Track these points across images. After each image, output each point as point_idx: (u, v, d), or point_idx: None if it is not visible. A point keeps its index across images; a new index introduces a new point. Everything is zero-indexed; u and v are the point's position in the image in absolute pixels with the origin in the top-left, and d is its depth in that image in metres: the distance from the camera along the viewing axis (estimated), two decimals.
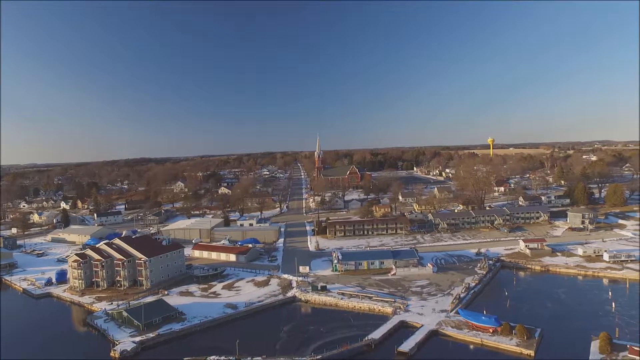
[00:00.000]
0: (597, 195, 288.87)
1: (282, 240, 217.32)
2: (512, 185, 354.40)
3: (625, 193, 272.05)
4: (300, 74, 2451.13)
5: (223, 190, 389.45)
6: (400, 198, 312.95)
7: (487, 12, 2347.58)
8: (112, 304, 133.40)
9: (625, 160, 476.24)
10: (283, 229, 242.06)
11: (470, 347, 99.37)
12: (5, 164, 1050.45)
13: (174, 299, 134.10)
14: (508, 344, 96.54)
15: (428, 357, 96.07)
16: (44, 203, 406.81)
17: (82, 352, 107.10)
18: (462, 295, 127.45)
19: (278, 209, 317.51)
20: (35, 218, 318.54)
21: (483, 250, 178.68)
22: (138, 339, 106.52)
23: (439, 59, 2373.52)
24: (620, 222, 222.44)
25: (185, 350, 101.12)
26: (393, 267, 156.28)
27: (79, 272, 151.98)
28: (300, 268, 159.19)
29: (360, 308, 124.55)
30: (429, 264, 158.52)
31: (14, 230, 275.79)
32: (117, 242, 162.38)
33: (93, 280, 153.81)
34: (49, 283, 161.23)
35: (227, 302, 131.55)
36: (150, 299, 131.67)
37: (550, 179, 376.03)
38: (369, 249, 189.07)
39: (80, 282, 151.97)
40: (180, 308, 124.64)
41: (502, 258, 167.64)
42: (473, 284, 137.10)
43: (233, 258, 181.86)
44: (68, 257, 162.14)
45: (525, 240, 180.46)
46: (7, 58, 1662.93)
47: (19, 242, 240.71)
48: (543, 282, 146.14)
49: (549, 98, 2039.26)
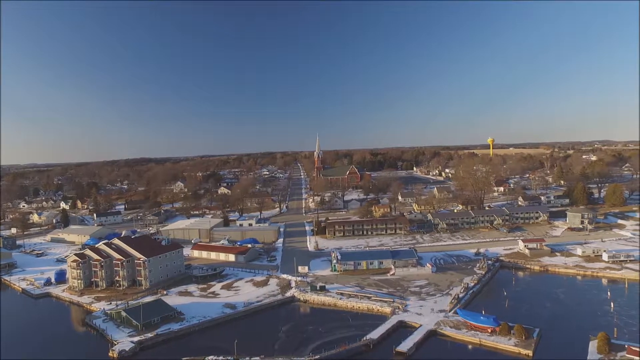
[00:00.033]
0: (596, 195, 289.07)
1: (281, 240, 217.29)
2: (511, 185, 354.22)
3: (625, 193, 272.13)
4: (300, 74, 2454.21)
5: (223, 191, 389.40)
6: (400, 198, 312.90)
7: (487, 12, 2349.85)
8: (111, 304, 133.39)
9: (625, 160, 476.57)
10: (282, 229, 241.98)
11: (469, 347, 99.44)
12: (5, 164, 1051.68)
13: (173, 299, 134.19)
14: (506, 344, 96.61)
15: (426, 357, 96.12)
16: (44, 203, 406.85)
17: (80, 352, 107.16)
18: (460, 295, 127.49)
19: (277, 209, 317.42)
20: (35, 218, 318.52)
21: (482, 250, 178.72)
22: (136, 339, 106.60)
23: (439, 59, 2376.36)
24: (620, 222, 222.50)
25: (184, 350, 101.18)
26: (392, 267, 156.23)
27: (78, 272, 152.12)
28: (299, 268, 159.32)
29: (359, 308, 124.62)
30: (428, 264, 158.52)
31: (14, 230, 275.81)
32: (116, 242, 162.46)
33: (92, 280, 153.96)
34: (48, 283, 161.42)
35: (226, 302, 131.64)
36: (149, 299, 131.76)
37: (550, 179, 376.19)
38: (368, 249, 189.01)
39: (80, 282, 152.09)
40: (179, 308, 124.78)
41: (501, 258, 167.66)
42: (472, 284, 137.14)
43: (232, 258, 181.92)
44: (67, 257, 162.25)
45: (525, 240, 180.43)
46: (7, 58, 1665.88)
47: (19, 242, 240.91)
48: (542, 282, 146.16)
49: (549, 98, 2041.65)
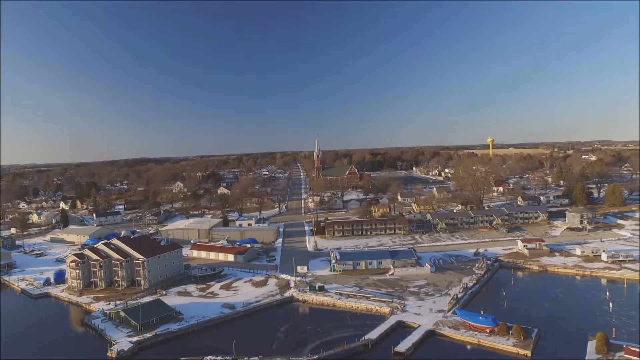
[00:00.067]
0: (595, 195, 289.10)
1: (280, 240, 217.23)
2: (511, 185, 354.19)
3: (624, 193, 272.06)
4: (300, 74, 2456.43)
5: (222, 191, 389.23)
6: (399, 198, 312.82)
7: (487, 12, 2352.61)
8: (109, 304, 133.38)
9: (625, 160, 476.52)
10: (282, 229, 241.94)
11: (467, 347, 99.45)
12: (5, 164, 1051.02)
13: (172, 299, 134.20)
14: (505, 344, 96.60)
15: (424, 357, 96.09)
16: (44, 203, 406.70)
17: (79, 352, 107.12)
18: (459, 296, 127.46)
19: (277, 209, 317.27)
20: (34, 218, 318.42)
21: (481, 251, 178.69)
22: (135, 339, 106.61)
23: (439, 59, 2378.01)
24: (619, 222, 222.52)
25: (182, 350, 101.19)
26: (391, 267, 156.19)
27: (77, 272, 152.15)
28: (298, 268, 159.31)
29: (358, 308, 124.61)
30: (427, 264, 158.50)
31: (13, 231, 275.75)
32: (115, 242, 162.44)
33: (91, 280, 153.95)
34: (47, 283, 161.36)
35: (224, 302, 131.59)
36: (148, 299, 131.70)
37: (549, 179, 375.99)
38: (367, 249, 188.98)
39: (79, 282, 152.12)
40: (178, 308, 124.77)
41: (500, 258, 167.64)
42: (471, 284, 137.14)
43: (231, 258, 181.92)
44: (66, 257, 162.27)
45: (524, 240, 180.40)
46: (7, 58, 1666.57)
47: (18, 242, 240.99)
48: (541, 282, 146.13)
49: (549, 98, 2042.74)
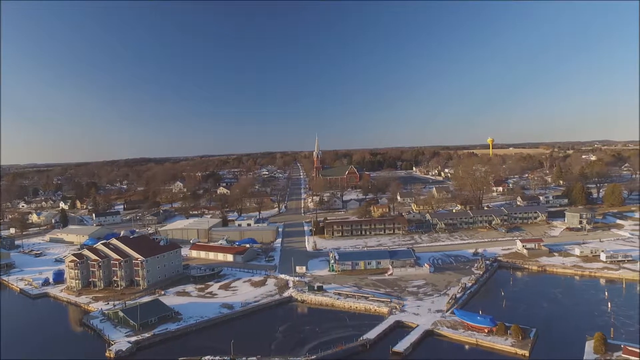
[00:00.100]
0: (595, 195, 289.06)
1: (279, 240, 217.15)
2: (510, 185, 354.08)
3: (624, 193, 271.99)
4: (300, 74, 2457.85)
5: (222, 191, 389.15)
6: (399, 198, 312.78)
7: (487, 12, 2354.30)
8: (108, 304, 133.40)
9: (624, 160, 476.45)
10: (281, 229, 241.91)
11: (466, 347, 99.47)
12: (5, 164, 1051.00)
13: (171, 299, 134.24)
14: (503, 344, 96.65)
15: (423, 357, 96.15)
16: (43, 203, 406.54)
17: (77, 352, 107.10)
18: (458, 296, 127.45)
19: (276, 209, 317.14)
20: (34, 218, 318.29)
21: (480, 251, 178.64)
22: (133, 339, 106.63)
23: (439, 59, 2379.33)
24: (618, 222, 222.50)
25: (181, 350, 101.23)
26: (390, 267, 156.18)
27: (76, 272, 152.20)
28: (297, 268, 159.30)
29: (357, 308, 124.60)
30: (426, 264, 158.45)
31: (13, 231, 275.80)
32: (114, 242, 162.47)
33: (90, 281, 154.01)
34: (46, 283, 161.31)
35: (223, 302, 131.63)
36: (147, 299, 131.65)
37: (549, 179, 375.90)
38: (366, 249, 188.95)
39: (77, 282, 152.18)
40: (177, 308, 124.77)
41: (499, 258, 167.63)
42: (469, 284, 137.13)
43: (230, 258, 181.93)
44: (65, 257, 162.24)
45: (523, 240, 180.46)
46: (7, 58, 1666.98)
47: (17, 242, 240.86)
48: (540, 282, 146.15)
49: (549, 98, 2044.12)
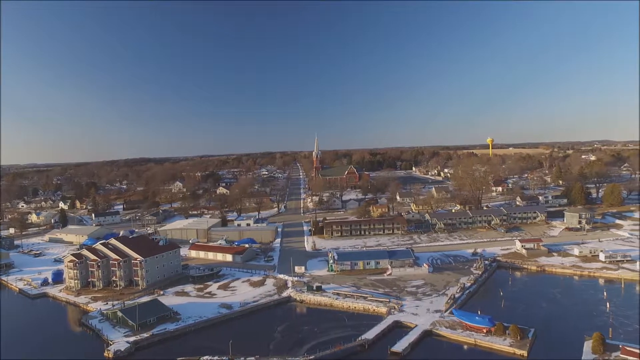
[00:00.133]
0: (594, 195, 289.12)
1: (279, 240, 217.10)
2: (510, 185, 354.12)
3: (623, 193, 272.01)
4: (300, 74, 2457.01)
5: (221, 191, 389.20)
6: (398, 198, 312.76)
7: (487, 12, 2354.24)
8: (107, 304, 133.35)
9: (624, 160, 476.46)
10: (280, 229, 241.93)
11: (464, 347, 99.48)
12: (5, 164, 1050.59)
13: (169, 299, 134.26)
14: (501, 344, 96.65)
15: (421, 357, 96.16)
16: (43, 203, 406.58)
17: (76, 352, 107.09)
18: (457, 296, 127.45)
19: (276, 209, 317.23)
20: (33, 218, 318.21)
21: (479, 251, 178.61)
22: (132, 339, 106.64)
23: (439, 59, 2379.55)
24: (617, 222, 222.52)
25: (179, 351, 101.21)
26: (389, 267, 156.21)
27: (75, 272, 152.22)
28: (296, 268, 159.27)
29: (355, 308, 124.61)
30: (425, 264, 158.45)
31: (12, 231, 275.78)
32: (113, 242, 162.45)
33: (89, 281, 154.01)
34: (45, 283, 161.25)
35: (222, 302, 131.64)
36: (145, 299, 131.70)
37: (548, 179, 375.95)
38: (365, 249, 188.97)
39: (76, 282, 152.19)
40: (176, 308, 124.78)
41: (498, 258, 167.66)
42: (468, 284, 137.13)
43: (229, 258, 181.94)
44: (64, 257, 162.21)
45: (522, 240, 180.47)
46: (7, 58, 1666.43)
47: (17, 242, 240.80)
48: (539, 282, 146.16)
49: (549, 98, 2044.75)
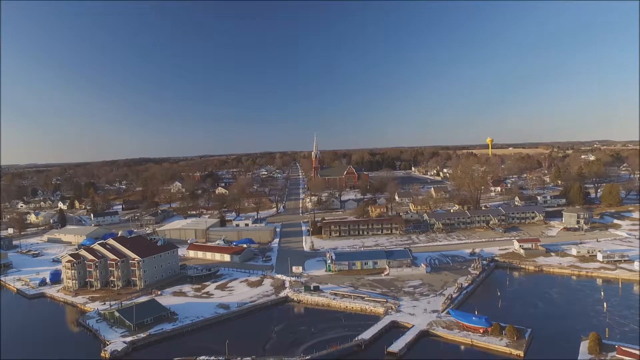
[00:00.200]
0: (593, 195, 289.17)
1: (277, 241, 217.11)
2: (508, 185, 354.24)
3: (621, 193, 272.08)
4: (300, 74, 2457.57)
5: (220, 191, 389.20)
6: (397, 198, 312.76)
7: (487, 12, 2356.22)
8: (105, 304, 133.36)
9: (623, 160, 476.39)
10: (279, 229, 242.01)
11: (461, 347, 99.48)
12: (5, 164, 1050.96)
13: (167, 299, 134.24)
14: (498, 344, 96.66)
15: (417, 357, 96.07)
16: (42, 203, 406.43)
17: (73, 352, 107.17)
18: (454, 296, 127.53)
19: (275, 209, 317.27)
20: (32, 218, 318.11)
21: (477, 251, 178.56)
22: (129, 339, 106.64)
23: (439, 59, 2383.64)
24: (616, 222, 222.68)
25: (176, 351, 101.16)
26: (386, 267, 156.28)
27: (73, 272, 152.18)
28: (294, 268, 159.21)
29: (352, 308, 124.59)
30: (423, 264, 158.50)
31: (11, 231, 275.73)
32: (110, 242, 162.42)
33: (87, 281, 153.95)
34: (43, 283, 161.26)
35: (219, 302, 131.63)
36: (143, 299, 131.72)
37: (547, 179, 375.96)
38: (363, 249, 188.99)
39: (74, 282, 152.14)
40: (173, 308, 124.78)
41: (496, 258, 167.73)
42: (466, 284, 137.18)
43: (227, 258, 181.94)
44: (62, 257, 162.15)
45: (520, 240, 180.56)
46: (7, 58, 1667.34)
47: (15, 242, 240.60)
48: (536, 282, 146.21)
49: (549, 98, 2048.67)
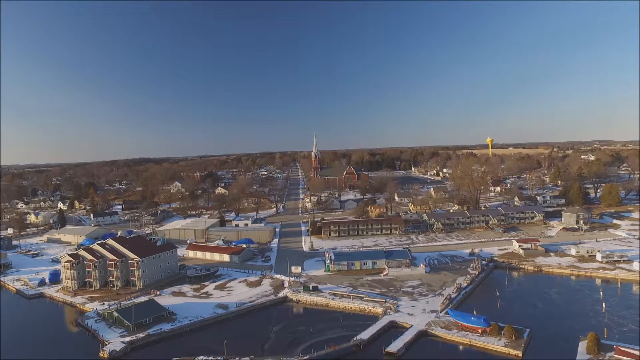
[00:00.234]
0: (592, 195, 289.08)
1: (276, 241, 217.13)
2: (508, 185, 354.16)
3: (621, 193, 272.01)
4: (300, 74, 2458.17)
5: (220, 191, 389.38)
6: (396, 198, 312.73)
7: (487, 12, 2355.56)
8: (104, 304, 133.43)
9: (623, 160, 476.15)
10: (278, 229, 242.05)
11: (459, 347, 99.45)
12: (5, 164, 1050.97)
13: (166, 299, 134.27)
14: (496, 345, 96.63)
15: (416, 357, 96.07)
16: (42, 203, 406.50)
17: (72, 352, 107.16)
18: (453, 296, 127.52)
19: (274, 209, 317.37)
20: (32, 218, 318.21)
21: (476, 251, 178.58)
22: (128, 339, 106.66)
23: (439, 59, 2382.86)
24: (615, 222, 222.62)
25: (175, 351, 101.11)
26: (385, 267, 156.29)
27: (72, 272, 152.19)
28: (293, 268, 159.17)
29: (351, 308, 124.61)
30: (422, 264, 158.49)
31: (10, 231, 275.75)
32: (110, 242, 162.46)
33: (86, 281, 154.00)
34: (42, 283, 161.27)
35: (218, 302, 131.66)
36: (142, 299, 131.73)
37: (547, 179, 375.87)
38: (362, 249, 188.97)
39: (73, 282, 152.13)
40: (172, 308, 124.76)
41: (495, 258, 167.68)
42: (465, 285, 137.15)
43: (227, 258, 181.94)
44: (61, 257, 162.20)
45: (519, 241, 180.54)
46: (7, 58, 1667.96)
47: (15, 242, 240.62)
48: (535, 282, 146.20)
49: (549, 98, 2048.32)
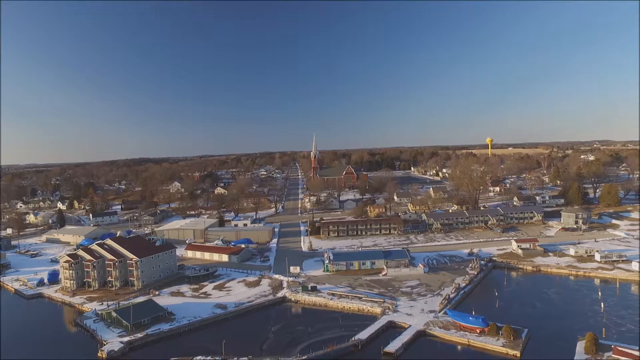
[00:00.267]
0: (591, 195, 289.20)
1: (275, 241, 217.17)
2: (507, 185, 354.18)
3: (620, 193, 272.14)
4: (300, 74, 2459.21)
5: (219, 191, 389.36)
6: (396, 198, 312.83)
7: (487, 12, 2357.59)
8: (102, 305, 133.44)
9: (622, 160, 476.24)
10: (277, 229, 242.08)
11: (457, 347, 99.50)
12: (5, 164, 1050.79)
13: (165, 299, 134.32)
14: (494, 345, 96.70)
15: (414, 357, 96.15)
16: (41, 203, 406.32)
17: (71, 352, 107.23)
18: (451, 296, 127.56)
19: (273, 209, 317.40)
20: (31, 218, 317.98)
21: (475, 251, 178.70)
22: (126, 339, 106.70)
23: (439, 59, 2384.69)
24: (614, 222, 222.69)
25: (173, 351, 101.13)
26: (384, 267, 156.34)
27: (71, 272, 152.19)
28: (292, 268, 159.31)
29: (350, 308, 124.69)
30: (421, 264, 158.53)
31: (9, 231, 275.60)
32: (108, 242, 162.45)
33: (84, 281, 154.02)
34: (41, 283, 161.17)
35: (217, 302, 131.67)
36: (141, 300, 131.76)
37: (546, 179, 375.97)
38: (361, 249, 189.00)
39: (72, 282, 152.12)
40: (171, 308, 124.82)
41: (494, 258, 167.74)
42: (463, 285, 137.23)
43: (225, 258, 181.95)
44: (60, 257, 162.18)
45: (518, 241, 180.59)
46: (7, 58, 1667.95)
47: (14, 242, 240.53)
48: (534, 282, 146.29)
49: (549, 98, 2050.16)
